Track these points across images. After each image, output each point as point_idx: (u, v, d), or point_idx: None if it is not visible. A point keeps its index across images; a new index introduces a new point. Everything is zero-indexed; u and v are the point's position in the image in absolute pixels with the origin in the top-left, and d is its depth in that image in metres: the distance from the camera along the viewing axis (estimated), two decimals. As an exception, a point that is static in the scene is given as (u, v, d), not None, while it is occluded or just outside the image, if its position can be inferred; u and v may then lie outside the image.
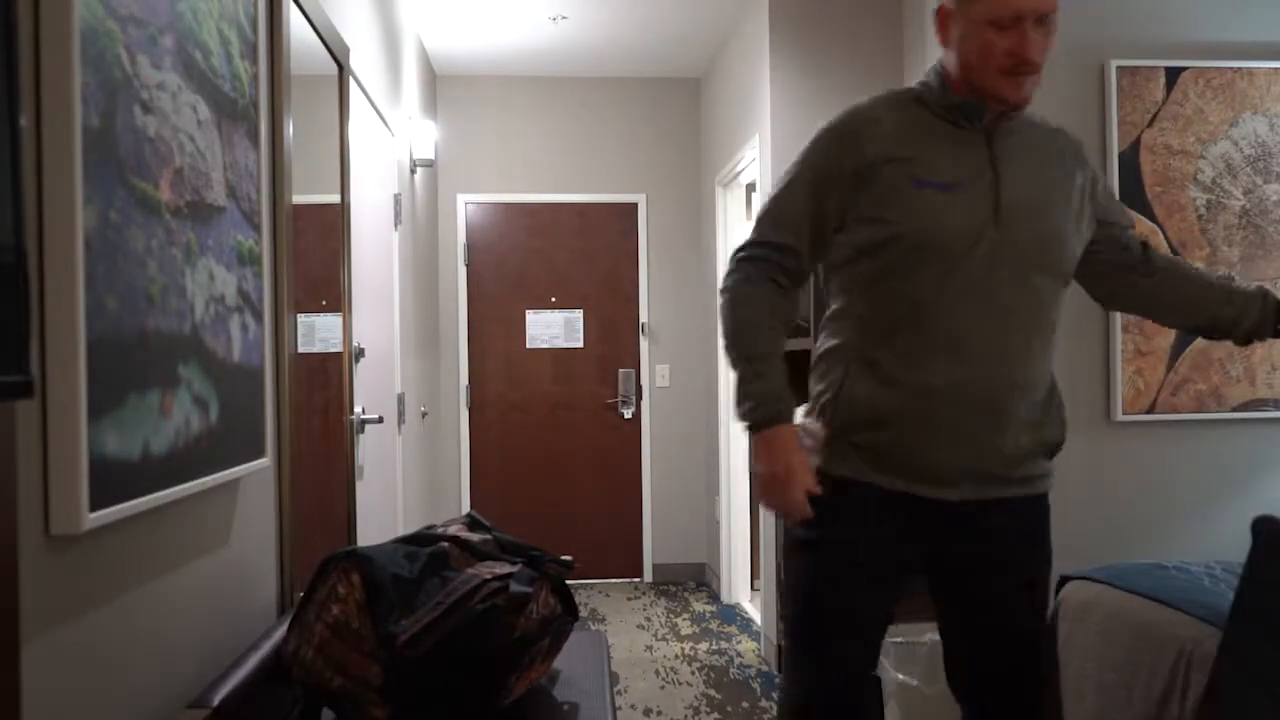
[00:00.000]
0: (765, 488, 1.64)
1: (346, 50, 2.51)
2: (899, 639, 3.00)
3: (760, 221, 1.72)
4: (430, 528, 1.79)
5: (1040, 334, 1.63)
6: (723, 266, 2.00)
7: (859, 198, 1.62)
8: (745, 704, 3.62)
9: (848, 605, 1.68)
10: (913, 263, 1.59)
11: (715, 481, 5.11)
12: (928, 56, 3.72)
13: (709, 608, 4.97)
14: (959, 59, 1.60)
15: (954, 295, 1.57)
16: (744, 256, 1.72)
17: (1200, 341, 3.05)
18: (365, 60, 3.07)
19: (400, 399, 3.62)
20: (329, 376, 2.37)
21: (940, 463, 1.60)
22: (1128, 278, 1.81)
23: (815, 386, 1.72)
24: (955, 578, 1.72)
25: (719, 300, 1.74)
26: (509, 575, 1.59)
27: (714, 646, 4.31)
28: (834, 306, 1.71)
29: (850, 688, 1.71)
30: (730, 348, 1.68)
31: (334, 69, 2.42)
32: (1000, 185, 1.60)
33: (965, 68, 1.59)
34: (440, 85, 5.35)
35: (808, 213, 1.67)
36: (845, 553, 1.66)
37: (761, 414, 1.63)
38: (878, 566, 1.66)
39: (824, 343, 1.72)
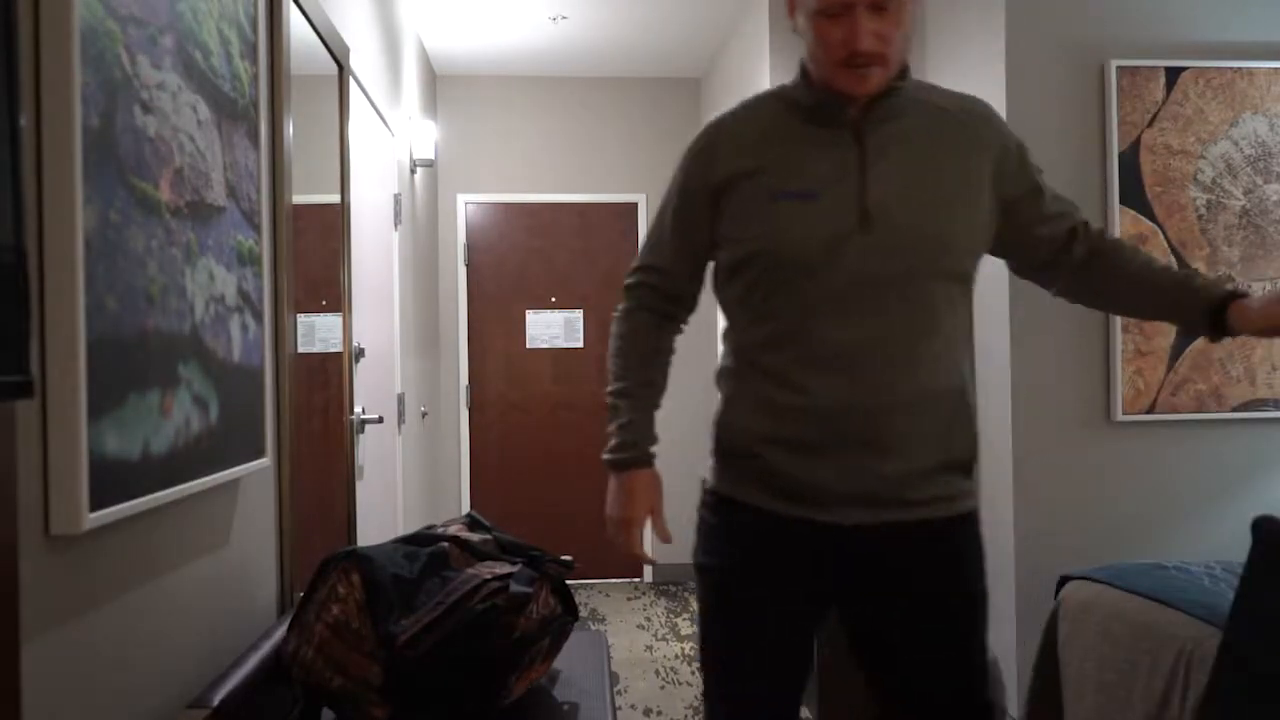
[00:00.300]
0: (608, 527, 1.62)
1: (346, 50, 2.51)
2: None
3: (643, 245, 1.68)
4: (430, 528, 1.79)
5: (934, 341, 1.47)
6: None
7: (722, 215, 1.54)
8: (745, 704, 3.62)
9: (746, 630, 1.54)
10: (776, 279, 1.48)
11: (715, 481, 5.10)
12: (927, 56, 3.73)
13: (709, 608, 4.97)
14: (806, 51, 1.49)
15: (822, 309, 1.45)
16: (628, 284, 1.67)
17: (1200, 341, 3.06)
18: (365, 60, 3.07)
19: (400, 399, 3.62)
20: (329, 376, 2.37)
21: (822, 486, 1.47)
22: (1050, 266, 1.63)
23: (716, 406, 1.66)
24: (860, 606, 1.56)
25: None
26: (509, 575, 1.60)
27: (714, 646, 4.31)
28: (723, 327, 1.64)
29: (764, 715, 1.55)
30: (609, 379, 1.66)
31: (334, 69, 2.43)
32: (866, 186, 1.45)
33: (811, 60, 1.48)
34: (440, 85, 5.35)
35: (678, 234, 1.61)
36: (742, 577, 1.54)
37: (616, 459, 1.60)
38: (775, 590, 1.52)
39: (719, 362, 1.64)
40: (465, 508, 5.31)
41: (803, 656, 1.57)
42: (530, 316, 5.45)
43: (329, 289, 2.37)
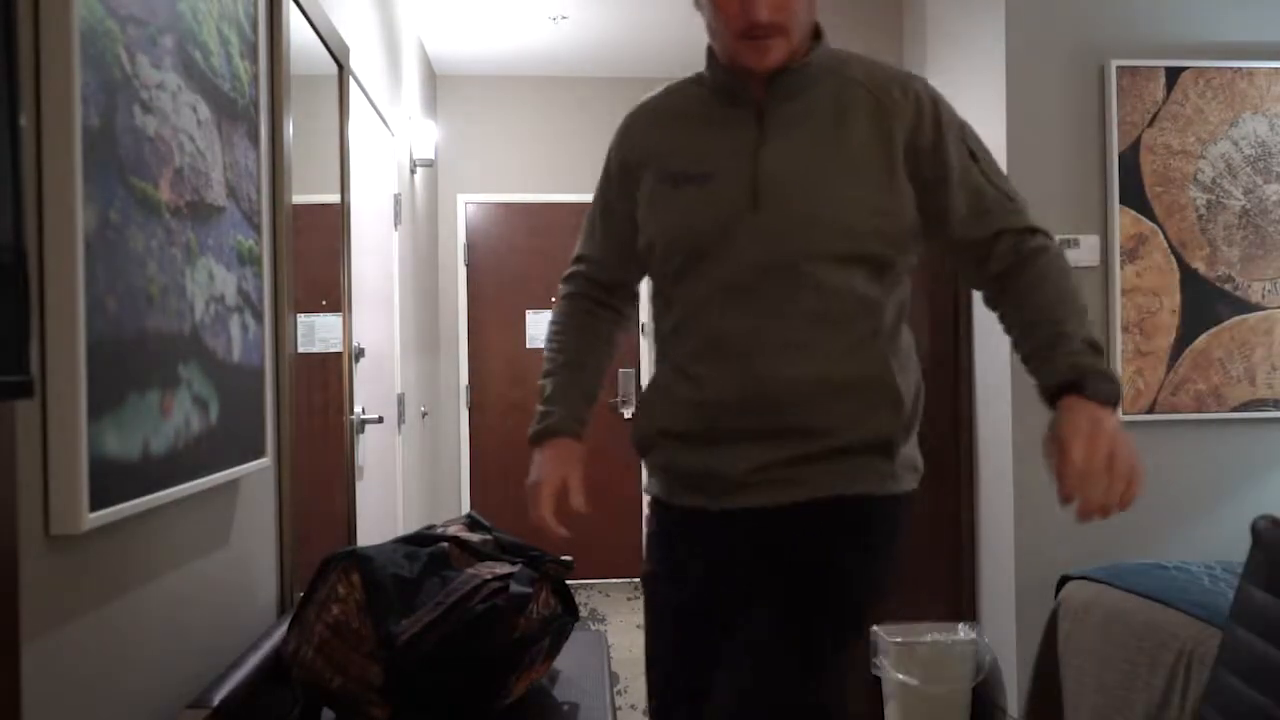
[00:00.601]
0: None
1: (346, 50, 2.51)
2: (898, 639, 3.00)
3: (580, 236, 1.66)
4: (430, 528, 1.79)
5: (839, 328, 1.36)
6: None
7: (634, 201, 1.50)
8: (745, 704, 3.61)
9: (678, 636, 1.49)
10: (676, 265, 1.43)
11: (715, 481, 5.10)
12: (928, 56, 3.73)
13: (709, 608, 4.96)
14: (707, 27, 1.43)
15: (717, 296, 1.38)
16: (565, 275, 1.66)
17: (1200, 341, 3.06)
18: (365, 60, 3.07)
19: (400, 399, 3.62)
20: (329, 376, 2.37)
21: (716, 473, 1.40)
22: (967, 276, 1.49)
23: None
24: (762, 594, 1.41)
25: None
26: (509, 575, 1.59)
27: (714, 646, 4.31)
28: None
29: None
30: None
31: (334, 69, 2.42)
32: (759, 165, 1.37)
33: (712, 36, 1.42)
34: (440, 85, 5.35)
35: (604, 221, 1.59)
36: (670, 581, 1.50)
37: (533, 430, 1.56)
38: (699, 589, 1.46)
39: None
40: (465, 508, 5.31)
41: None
42: (530, 316, 5.44)
43: (329, 289, 2.37)
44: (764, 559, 1.40)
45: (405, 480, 3.71)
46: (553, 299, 1.72)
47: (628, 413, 5.47)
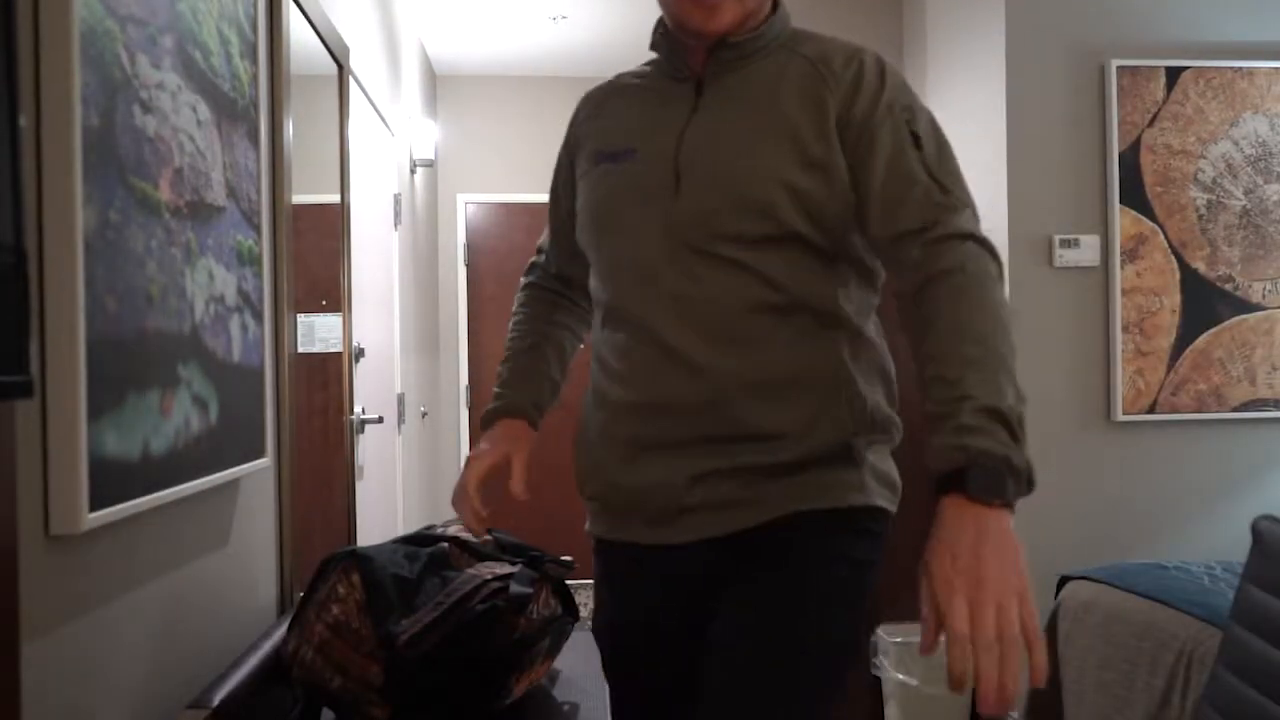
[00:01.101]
0: None
1: (346, 50, 2.51)
2: (898, 639, 3.00)
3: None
4: (430, 528, 1.79)
5: (774, 320, 1.21)
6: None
7: (574, 190, 1.41)
8: (745, 704, 3.60)
9: (638, 695, 1.37)
10: (601, 251, 1.31)
11: (715, 481, 5.09)
12: (928, 56, 3.72)
13: (709, 608, 4.95)
14: None
15: (643, 284, 1.25)
16: (527, 265, 1.64)
17: (1200, 341, 3.06)
18: (365, 60, 3.07)
19: (400, 399, 3.62)
20: (329, 376, 2.37)
21: (657, 483, 1.25)
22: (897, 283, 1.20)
23: None
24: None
25: None
26: (509, 575, 1.59)
27: (714, 646, 4.29)
28: None
29: None
30: None
31: (334, 69, 2.42)
32: (683, 141, 1.25)
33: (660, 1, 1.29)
34: (440, 85, 5.35)
35: (551, 211, 1.53)
36: (620, 631, 1.38)
37: (482, 415, 1.51)
38: (656, 638, 1.32)
39: None
40: (465, 508, 5.30)
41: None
42: (530, 316, 5.44)
43: (329, 289, 2.37)
44: (723, 591, 1.23)
45: (405, 480, 3.71)
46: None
47: (628, 413, 5.46)
